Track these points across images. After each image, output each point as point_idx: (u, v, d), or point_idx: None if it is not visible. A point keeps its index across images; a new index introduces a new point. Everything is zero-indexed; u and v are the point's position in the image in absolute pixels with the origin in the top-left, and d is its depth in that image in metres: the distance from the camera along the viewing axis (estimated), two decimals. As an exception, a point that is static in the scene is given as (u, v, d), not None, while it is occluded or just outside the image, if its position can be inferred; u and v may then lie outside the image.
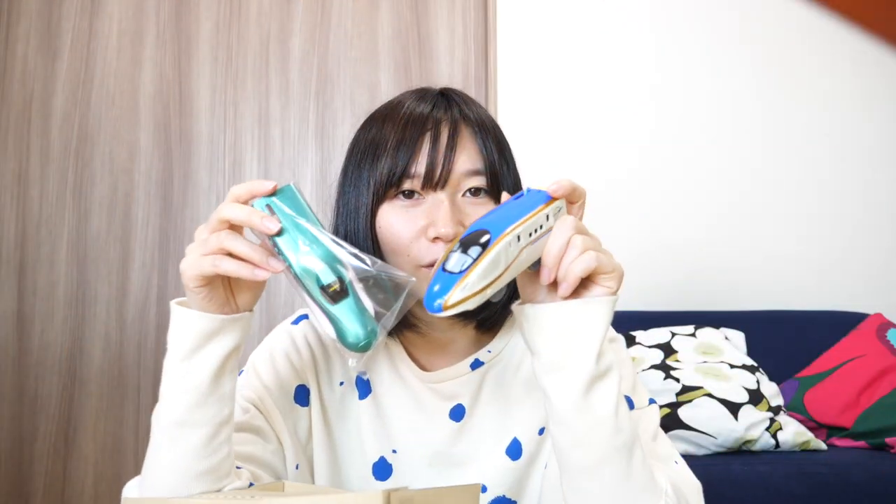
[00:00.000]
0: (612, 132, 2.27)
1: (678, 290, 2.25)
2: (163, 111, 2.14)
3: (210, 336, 0.66)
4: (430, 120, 0.76)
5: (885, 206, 2.38)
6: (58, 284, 2.06)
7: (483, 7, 2.25)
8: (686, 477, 0.75)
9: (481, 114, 0.80)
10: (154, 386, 2.05)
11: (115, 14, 2.15)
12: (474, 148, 0.77)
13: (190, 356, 0.66)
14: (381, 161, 0.76)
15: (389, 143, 0.76)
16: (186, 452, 0.67)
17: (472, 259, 0.60)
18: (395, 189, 0.76)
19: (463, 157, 0.76)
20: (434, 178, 0.74)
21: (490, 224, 0.63)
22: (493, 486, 0.81)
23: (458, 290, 0.59)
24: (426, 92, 0.82)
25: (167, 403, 0.68)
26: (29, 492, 2.00)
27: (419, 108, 0.78)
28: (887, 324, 2.02)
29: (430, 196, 0.75)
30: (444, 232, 0.72)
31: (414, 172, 0.75)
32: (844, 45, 2.40)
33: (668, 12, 2.33)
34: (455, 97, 0.81)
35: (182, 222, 2.12)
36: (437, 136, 0.76)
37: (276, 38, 2.19)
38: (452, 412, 0.82)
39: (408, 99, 0.80)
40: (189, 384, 0.67)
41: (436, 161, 0.74)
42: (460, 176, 0.76)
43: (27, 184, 2.09)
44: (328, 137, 2.18)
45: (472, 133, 0.77)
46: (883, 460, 1.63)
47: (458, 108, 0.78)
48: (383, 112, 0.81)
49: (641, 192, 2.27)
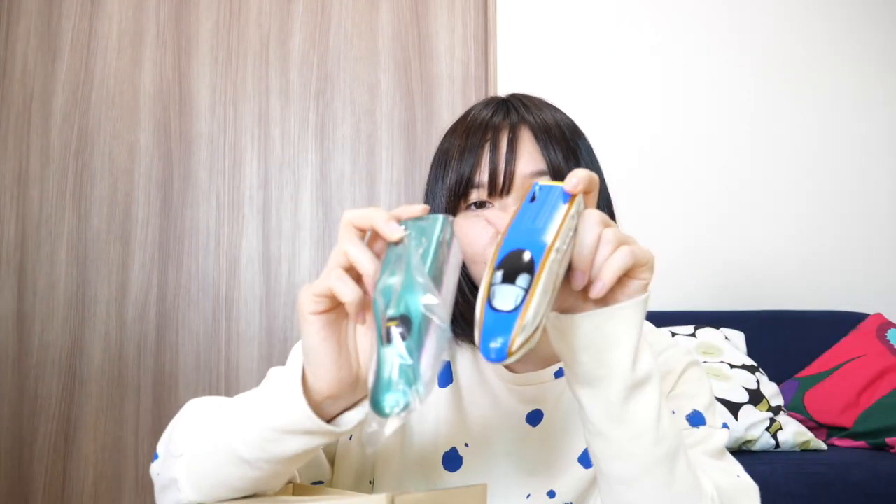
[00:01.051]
0: (612, 132, 2.27)
1: (678, 290, 2.25)
2: (163, 111, 2.14)
3: (309, 433, 0.60)
4: (490, 128, 0.77)
5: (885, 206, 2.38)
6: (58, 284, 2.06)
7: (483, 7, 2.25)
8: (742, 483, 0.73)
9: (546, 116, 0.79)
10: (154, 386, 2.05)
11: (115, 14, 2.15)
12: (535, 150, 0.76)
13: (282, 436, 0.60)
14: (449, 173, 0.77)
15: (455, 154, 0.77)
16: (238, 475, 0.64)
17: (524, 290, 0.52)
18: (465, 200, 0.77)
19: (524, 160, 0.76)
20: (498, 183, 0.75)
21: (523, 239, 0.55)
22: (561, 492, 0.81)
23: (520, 333, 0.51)
24: (491, 100, 0.83)
25: (241, 438, 0.61)
26: (29, 492, 2.00)
27: (481, 116, 0.79)
28: (887, 324, 2.02)
29: (498, 203, 0.76)
30: None
31: (478, 181, 0.76)
32: (845, 46, 2.40)
33: (669, 12, 2.33)
34: (516, 102, 0.81)
35: (182, 222, 2.12)
36: (496, 143, 0.76)
37: (276, 38, 2.19)
38: (530, 416, 0.82)
39: (474, 109, 0.82)
40: (271, 451, 0.61)
41: (497, 167, 0.75)
42: (524, 179, 0.75)
43: (27, 184, 2.09)
44: (328, 137, 2.18)
45: (532, 136, 0.77)
46: (883, 460, 1.63)
47: (517, 113, 0.79)
48: (454, 125, 0.82)
49: (641, 192, 2.27)
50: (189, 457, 0.65)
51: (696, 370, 0.82)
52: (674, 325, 1.97)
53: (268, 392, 0.62)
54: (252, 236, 2.14)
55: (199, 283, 2.11)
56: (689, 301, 2.23)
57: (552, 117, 0.79)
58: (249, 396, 0.64)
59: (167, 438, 0.70)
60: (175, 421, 0.71)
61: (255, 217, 2.14)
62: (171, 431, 0.70)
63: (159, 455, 0.70)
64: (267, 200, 2.15)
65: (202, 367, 2.07)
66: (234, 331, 2.10)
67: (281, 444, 0.60)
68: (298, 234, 2.15)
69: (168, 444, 0.69)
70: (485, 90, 2.21)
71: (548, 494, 0.80)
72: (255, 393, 0.64)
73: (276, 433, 0.60)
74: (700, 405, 0.78)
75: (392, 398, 0.51)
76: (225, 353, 2.08)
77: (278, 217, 2.15)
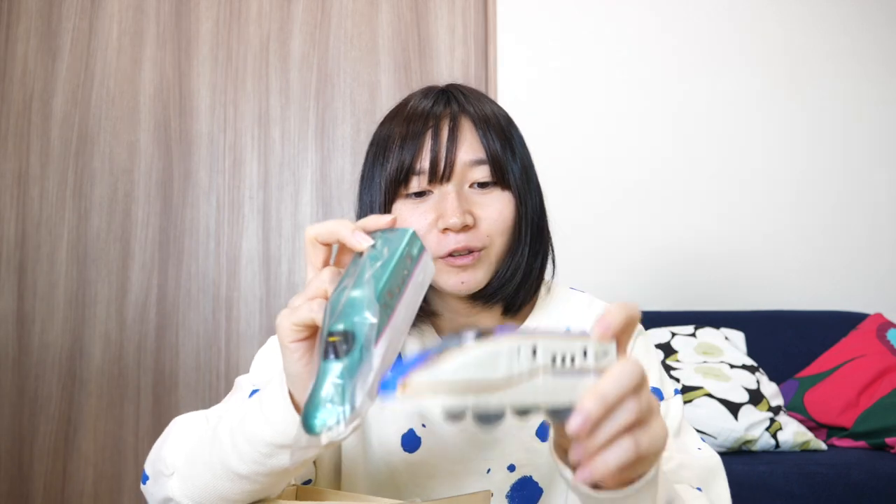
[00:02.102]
0: (612, 132, 2.27)
1: (678, 290, 2.25)
2: (163, 111, 2.14)
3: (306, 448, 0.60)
4: (431, 116, 0.79)
5: (885, 206, 2.38)
6: (58, 284, 2.06)
7: (483, 7, 2.25)
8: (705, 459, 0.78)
9: (484, 107, 0.81)
10: (154, 386, 2.05)
11: (115, 14, 2.15)
12: (475, 139, 0.79)
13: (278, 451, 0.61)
14: (389, 159, 0.78)
15: (395, 141, 0.78)
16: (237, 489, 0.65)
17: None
18: (405, 188, 0.78)
19: (464, 148, 0.78)
20: (439, 171, 0.77)
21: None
22: (520, 465, 0.82)
23: (424, 374, 0.43)
24: (430, 90, 0.84)
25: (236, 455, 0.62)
26: (29, 492, 2.00)
27: (421, 105, 0.80)
28: (887, 324, 2.02)
29: (437, 190, 0.78)
30: (453, 222, 0.74)
31: (419, 168, 0.77)
32: (846, 46, 2.40)
33: (668, 11, 2.33)
34: (455, 92, 0.83)
35: (182, 222, 2.12)
36: (437, 131, 0.78)
37: (276, 38, 2.19)
38: None
39: (413, 98, 0.83)
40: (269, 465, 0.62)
41: (438, 154, 0.77)
42: (464, 167, 0.78)
43: (27, 184, 2.08)
44: (328, 137, 2.18)
45: (473, 125, 0.79)
46: (883, 460, 1.63)
47: (458, 103, 0.80)
48: (392, 113, 0.83)
49: (642, 192, 2.27)
50: (182, 475, 0.66)
51: (642, 340, 0.85)
52: (674, 325, 1.97)
53: (256, 409, 0.62)
54: (252, 236, 2.14)
55: (199, 283, 2.11)
56: (689, 301, 2.23)
57: (490, 108, 0.82)
58: (236, 414, 0.65)
59: (154, 458, 0.71)
60: (161, 440, 0.72)
61: (255, 217, 2.14)
62: (158, 451, 0.71)
63: (149, 476, 0.71)
64: (267, 200, 2.15)
65: (202, 367, 2.07)
66: (234, 331, 2.10)
67: (277, 457, 0.61)
68: (298, 234, 2.15)
69: (155, 463, 0.70)
70: (485, 90, 2.21)
71: (508, 469, 0.82)
72: (242, 410, 0.65)
73: (271, 448, 0.61)
74: (654, 379, 0.81)
75: (321, 417, 0.49)
76: (225, 353, 2.08)
77: (278, 217, 2.15)
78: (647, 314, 2.05)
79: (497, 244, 0.78)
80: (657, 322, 2.00)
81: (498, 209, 0.78)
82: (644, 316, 2.22)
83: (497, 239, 0.78)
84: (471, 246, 0.76)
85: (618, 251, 2.24)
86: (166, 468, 0.68)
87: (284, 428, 0.60)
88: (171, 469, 0.67)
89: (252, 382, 0.80)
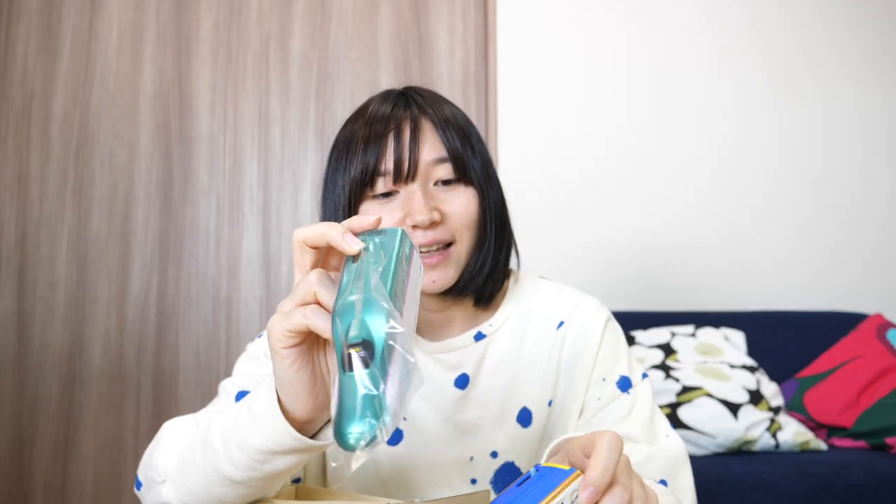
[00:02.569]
0: (614, 132, 2.27)
1: (678, 290, 2.25)
2: (163, 111, 2.14)
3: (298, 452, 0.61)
4: (392, 119, 0.81)
5: (885, 206, 2.38)
6: (58, 284, 2.06)
7: (483, 7, 2.25)
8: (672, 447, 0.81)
9: (443, 108, 0.84)
10: (154, 386, 2.05)
11: (115, 14, 2.15)
12: (436, 138, 0.81)
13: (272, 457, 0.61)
14: (353, 162, 0.81)
15: (358, 144, 0.81)
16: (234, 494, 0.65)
17: None
18: (371, 189, 0.81)
19: (426, 147, 0.81)
20: (403, 171, 0.79)
21: None
22: (503, 451, 0.85)
23: None
24: (389, 93, 0.86)
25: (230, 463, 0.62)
26: (29, 492, 2.00)
27: (381, 109, 0.83)
28: (887, 324, 2.02)
29: (403, 190, 0.80)
30: (421, 219, 0.78)
31: (384, 169, 0.80)
32: (844, 45, 2.40)
33: (668, 11, 2.33)
34: (414, 95, 0.85)
35: (182, 222, 2.12)
36: (399, 133, 0.80)
37: (276, 38, 2.19)
38: (457, 381, 0.86)
39: (373, 102, 0.85)
40: (263, 470, 0.62)
41: (402, 155, 0.79)
42: (427, 166, 0.81)
43: (27, 184, 2.08)
44: (328, 137, 2.18)
45: (433, 125, 0.82)
46: (883, 460, 1.63)
47: (417, 105, 0.83)
48: (353, 117, 0.86)
49: (642, 192, 2.27)
50: (174, 482, 0.66)
51: (612, 326, 0.89)
52: (674, 325, 1.97)
53: (245, 415, 0.62)
54: (252, 236, 2.14)
55: (199, 283, 2.11)
56: (689, 301, 2.23)
57: (448, 109, 0.85)
58: (226, 419, 0.64)
59: (146, 465, 0.70)
60: (153, 446, 0.72)
61: (255, 217, 2.14)
62: (149, 458, 0.71)
63: (142, 482, 0.71)
64: (267, 200, 2.15)
65: (202, 367, 2.07)
66: (234, 331, 2.10)
67: (271, 463, 0.61)
68: (298, 234, 2.15)
69: (147, 471, 0.70)
70: (485, 90, 2.21)
71: (491, 455, 0.85)
72: (231, 415, 0.64)
73: (265, 455, 0.60)
74: (623, 368, 0.86)
75: (357, 430, 0.47)
76: (225, 353, 2.08)
77: (278, 217, 2.15)
78: (648, 314, 2.05)
79: (465, 239, 0.82)
80: (657, 322, 2.00)
81: (463, 204, 0.81)
82: (644, 316, 2.22)
83: (465, 234, 0.82)
84: (439, 240, 0.79)
85: (618, 252, 2.24)
86: (158, 475, 0.67)
87: (274, 434, 0.59)
88: (162, 476, 0.67)
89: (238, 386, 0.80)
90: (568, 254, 2.20)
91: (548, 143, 2.22)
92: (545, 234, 2.19)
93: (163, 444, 0.70)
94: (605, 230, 2.24)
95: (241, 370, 0.85)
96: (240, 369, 0.85)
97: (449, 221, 0.80)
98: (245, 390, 0.79)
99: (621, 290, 2.20)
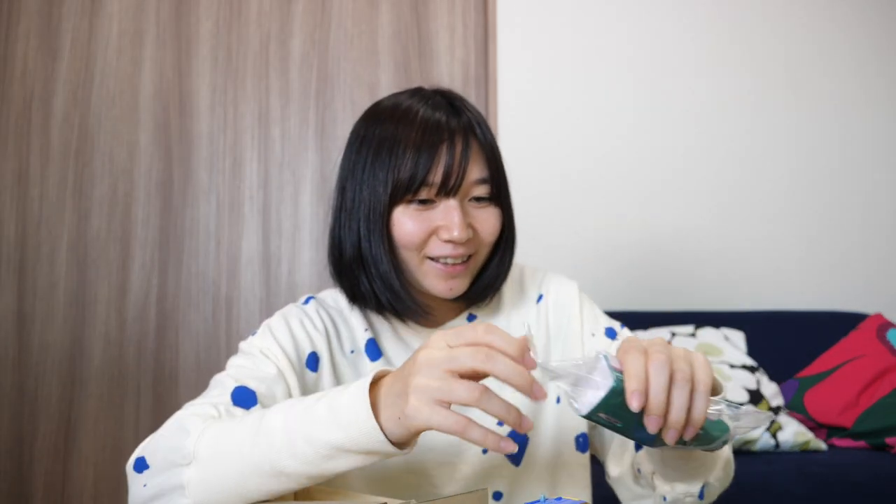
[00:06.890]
0: (613, 132, 2.27)
1: (678, 290, 2.25)
2: (163, 111, 2.14)
3: (372, 454, 0.64)
4: (446, 130, 0.82)
5: (885, 206, 2.38)
6: (58, 284, 2.06)
7: (483, 7, 2.25)
8: None
9: (480, 121, 0.86)
10: (154, 386, 2.05)
11: (115, 14, 2.15)
12: (483, 158, 0.84)
13: (341, 454, 0.63)
14: (402, 164, 0.81)
15: (408, 147, 0.81)
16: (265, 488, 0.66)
17: None
18: (412, 195, 0.81)
19: (474, 167, 0.82)
20: (449, 186, 0.81)
21: None
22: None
23: None
24: (429, 97, 0.86)
25: (289, 452, 0.64)
26: (29, 492, 2.00)
27: (434, 115, 0.83)
28: (887, 324, 2.02)
29: (442, 202, 0.82)
30: (458, 236, 0.80)
31: (432, 181, 0.80)
32: (845, 45, 2.40)
33: (668, 11, 2.33)
34: (459, 104, 0.86)
35: (182, 222, 2.12)
36: (452, 146, 0.81)
37: (276, 38, 2.19)
38: None
39: (416, 103, 0.84)
40: (323, 467, 0.64)
41: (451, 171, 0.80)
42: (470, 184, 0.83)
43: (27, 184, 2.08)
44: (328, 137, 2.18)
45: (480, 144, 0.84)
46: (883, 460, 1.63)
47: (467, 121, 0.84)
48: (392, 112, 0.84)
49: (642, 192, 2.27)
50: (203, 465, 0.66)
51: (583, 293, 0.96)
52: (674, 325, 1.97)
53: (324, 413, 0.63)
54: (252, 236, 2.14)
55: (199, 283, 2.11)
56: (689, 301, 2.23)
57: (482, 120, 0.87)
58: (292, 413, 0.65)
59: (164, 447, 0.69)
60: (172, 430, 0.71)
61: (255, 217, 2.14)
62: (168, 440, 0.70)
63: (151, 464, 0.70)
64: (267, 200, 2.15)
65: (202, 367, 2.07)
66: (234, 331, 2.10)
67: (335, 461, 0.63)
68: (298, 234, 2.15)
69: (167, 452, 0.69)
70: (485, 90, 2.21)
71: (497, 424, 0.84)
72: (295, 410, 0.65)
73: (336, 451, 0.62)
74: (604, 321, 0.93)
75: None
76: (225, 353, 2.08)
77: (278, 217, 2.15)
78: (648, 314, 2.05)
79: (482, 253, 0.86)
80: (657, 322, 2.00)
81: (493, 223, 0.85)
82: (644, 316, 2.22)
83: (483, 249, 0.85)
84: (465, 254, 0.83)
85: (619, 252, 2.24)
86: (182, 458, 0.67)
87: (359, 437, 0.61)
88: (188, 458, 0.67)
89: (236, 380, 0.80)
90: (567, 253, 2.20)
91: (547, 142, 2.22)
92: (545, 233, 2.18)
93: (189, 426, 0.69)
94: (605, 230, 2.24)
95: (235, 364, 0.84)
96: (234, 363, 0.85)
97: (477, 237, 0.84)
98: (244, 385, 0.79)
99: (621, 290, 2.20)
